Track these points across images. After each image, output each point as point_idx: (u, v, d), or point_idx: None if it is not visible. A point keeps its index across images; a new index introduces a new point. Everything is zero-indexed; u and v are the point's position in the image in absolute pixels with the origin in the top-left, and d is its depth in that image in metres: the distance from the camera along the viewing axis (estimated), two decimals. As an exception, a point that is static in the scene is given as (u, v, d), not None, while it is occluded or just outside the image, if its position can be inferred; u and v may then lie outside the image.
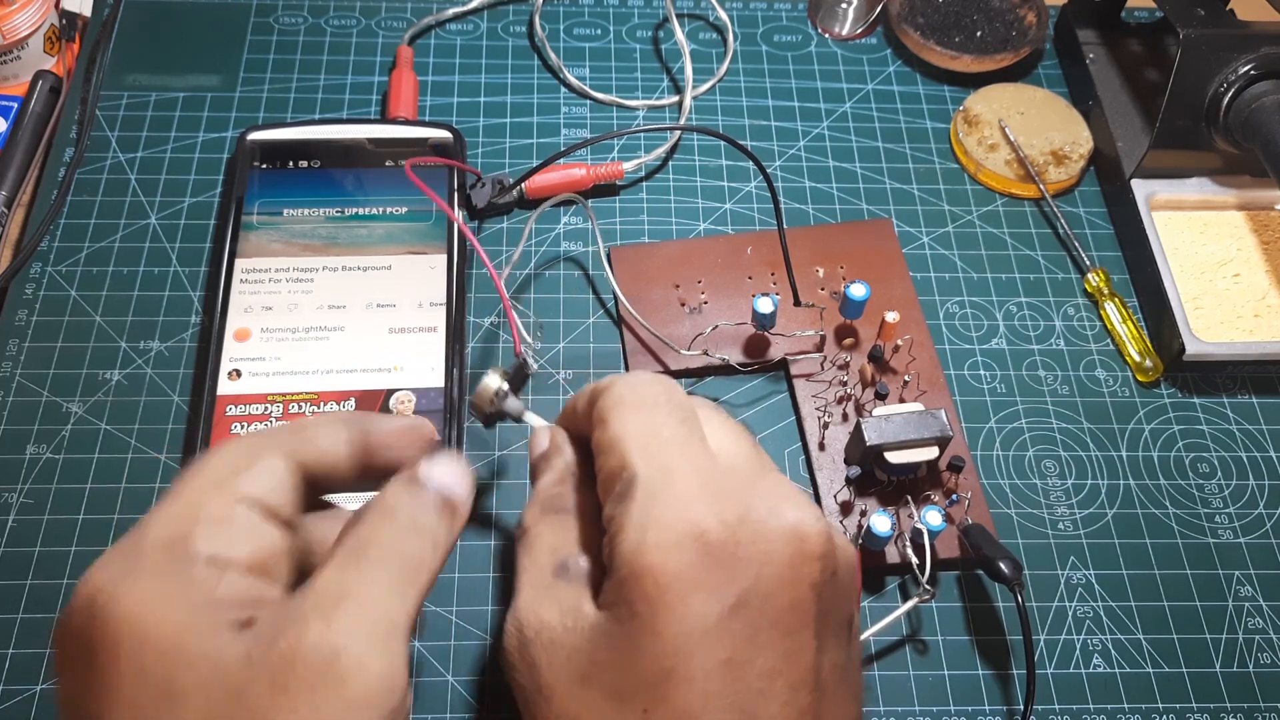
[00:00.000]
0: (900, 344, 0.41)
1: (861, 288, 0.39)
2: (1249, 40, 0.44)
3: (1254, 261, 0.46)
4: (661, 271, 0.43)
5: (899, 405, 0.38)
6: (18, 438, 0.39)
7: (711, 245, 0.44)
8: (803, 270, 0.43)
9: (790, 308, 0.42)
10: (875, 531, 0.35)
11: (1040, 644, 0.37)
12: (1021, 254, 0.46)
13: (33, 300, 0.42)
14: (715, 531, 0.25)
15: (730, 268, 0.43)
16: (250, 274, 0.42)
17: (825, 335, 0.42)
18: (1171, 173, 0.46)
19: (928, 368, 0.41)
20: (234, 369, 0.39)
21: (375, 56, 0.50)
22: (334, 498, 0.30)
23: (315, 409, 0.39)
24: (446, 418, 0.39)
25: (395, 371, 0.40)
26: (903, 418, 0.37)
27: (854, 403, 0.40)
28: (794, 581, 0.25)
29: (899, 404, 0.38)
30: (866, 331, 0.42)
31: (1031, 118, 0.49)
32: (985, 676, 0.36)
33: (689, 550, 0.25)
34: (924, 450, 0.37)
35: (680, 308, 0.42)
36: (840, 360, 0.41)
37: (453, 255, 0.42)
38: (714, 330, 0.41)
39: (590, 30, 0.52)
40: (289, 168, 0.45)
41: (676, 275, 0.43)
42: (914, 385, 0.40)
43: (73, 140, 0.47)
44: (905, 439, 0.36)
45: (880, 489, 0.38)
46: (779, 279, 0.43)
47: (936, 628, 0.37)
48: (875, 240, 0.44)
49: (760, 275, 0.43)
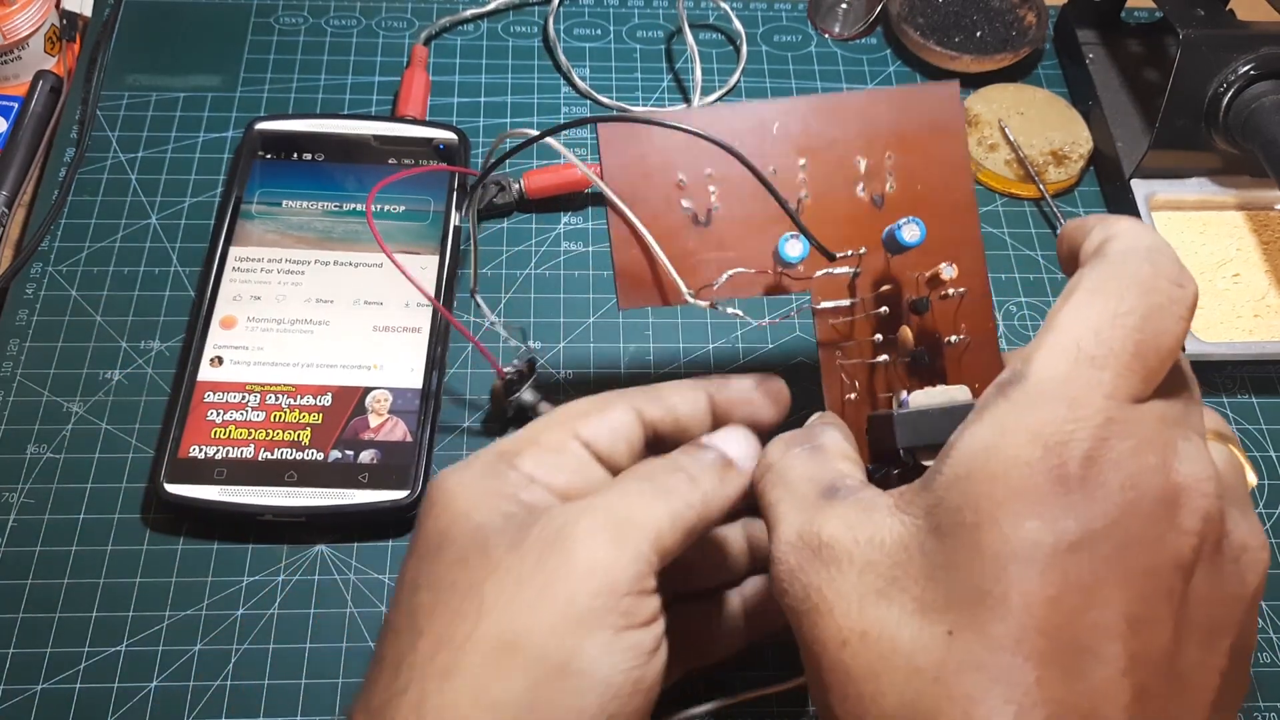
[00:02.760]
0: (951, 293, 0.31)
1: (915, 228, 0.30)
2: (1249, 40, 0.44)
3: (1254, 262, 0.46)
4: (661, 161, 0.32)
5: (938, 391, 0.29)
6: (18, 437, 0.39)
7: (728, 117, 0.32)
8: (838, 162, 0.32)
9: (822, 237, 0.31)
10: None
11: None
12: (1021, 254, 0.46)
13: (33, 300, 0.42)
14: (1077, 463, 0.22)
15: (750, 155, 0.31)
16: (243, 262, 0.42)
17: (859, 275, 0.32)
18: (1171, 173, 0.46)
19: (978, 323, 0.32)
20: (216, 355, 0.40)
21: (376, 57, 0.50)
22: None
23: (291, 401, 0.39)
24: (421, 419, 0.39)
25: (374, 369, 0.40)
26: (943, 410, 0.28)
27: (885, 373, 0.32)
28: (1155, 546, 0.22)
29: (940, 387, 0.29)
30: (905, 271, 0.32)
31: (1031, 118, 0.49)
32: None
33: (1040, 473, 0.22)
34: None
35: (683, 213, 0.32)
36: (878, 315, 0.32)
37: (444, 258, 0.42)
38: (728, 279, 0.31)
39: (591, 30, 0.52)
40: (293, 159, 0.45)
41: (681, 164, 0.32)
42: (957, 354, 0.31)
43: (73, 140, 0.47)
44: (946, 440, 0.26)
45: (900, 473, 0.30)
46: (809, 168, 0.32)
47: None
48: (935, 113, 0.32)
49: (788, 167, 0.32)
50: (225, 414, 0.38)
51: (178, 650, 0.35)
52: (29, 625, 0.35)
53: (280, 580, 0.37)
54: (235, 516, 0.37)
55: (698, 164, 0.32)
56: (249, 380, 0.39)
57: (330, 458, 0.38)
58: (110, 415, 0.40)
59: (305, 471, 0.37)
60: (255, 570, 0.37)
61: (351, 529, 0.38)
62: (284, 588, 0.37)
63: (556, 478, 0.27)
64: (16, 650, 0.35)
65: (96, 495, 0.38)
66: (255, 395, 0.39)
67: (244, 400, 0.39)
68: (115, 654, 0.35)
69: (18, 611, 0.36)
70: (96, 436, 0.39)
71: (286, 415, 0.39)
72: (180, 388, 0.39)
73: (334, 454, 0.38)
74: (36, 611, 0.36)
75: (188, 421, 0.38)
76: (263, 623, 0.36)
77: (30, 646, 0.35)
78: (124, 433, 0.39)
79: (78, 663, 0.35)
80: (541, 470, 0.27)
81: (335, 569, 0.37)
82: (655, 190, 0.32)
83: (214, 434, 0.38)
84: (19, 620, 0.35)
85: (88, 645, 0.35)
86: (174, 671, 0.35)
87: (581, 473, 0.28)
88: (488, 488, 0.27)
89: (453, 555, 0.25)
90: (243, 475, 0.37)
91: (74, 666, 0.35)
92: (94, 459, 0.39)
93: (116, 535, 0.37)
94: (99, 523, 0.37)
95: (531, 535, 0.25)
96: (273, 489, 0.37)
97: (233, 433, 0.38)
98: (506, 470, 0.27)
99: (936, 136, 0.32)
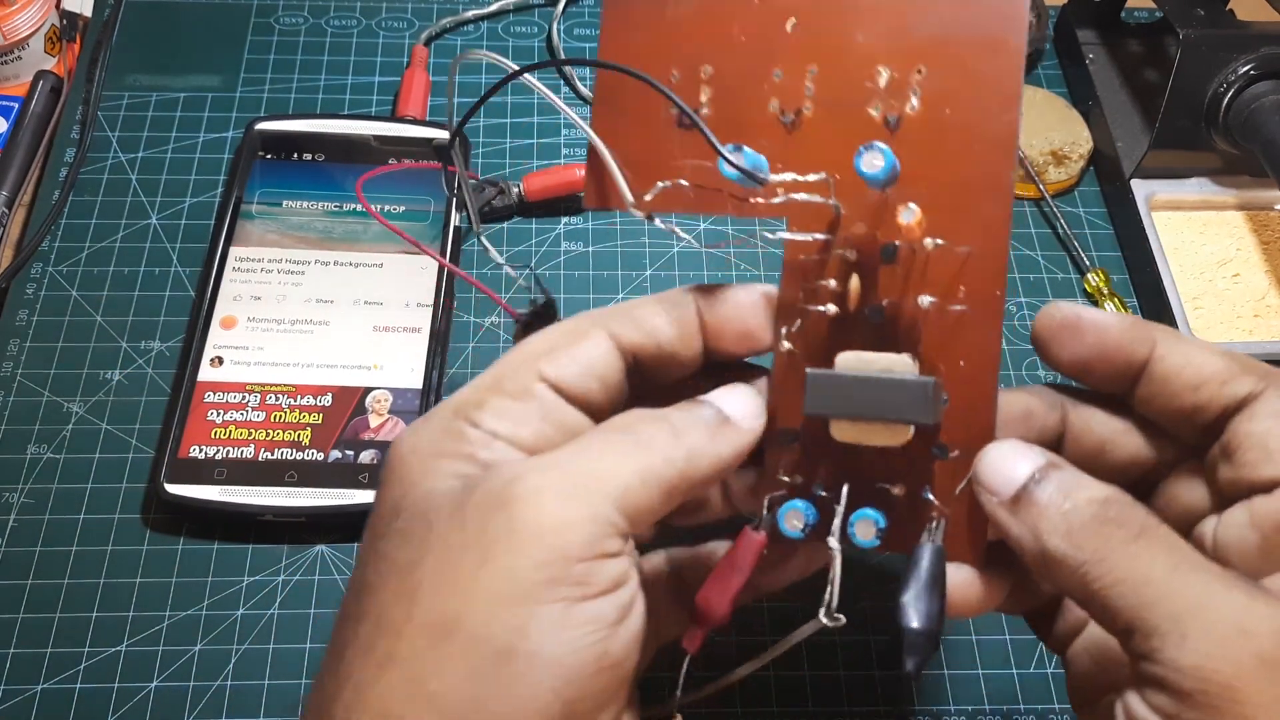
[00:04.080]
0: (940, 243, 0.25)
1: (879, 157, 0.24)
2: (1249, 40, 0.44)
3: (1254, 261, 0.46)
4: (664, 41, 0.27)
5: (876, 356, 0.25)
6: (18, 438, 0.39)
7: (738, 8, 0.27)
8: (853, 72, 0.26)
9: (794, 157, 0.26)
10: (783, 530, 0.25)
11: (1037, 648, 0.37)
12: (1021, 254, 0.46)
13: (34, 300, 0.42)
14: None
15: (753, 52, 0.27)
16: (244, 262, 0.42)
17: (841, 210, 0.26)
18: (1171, 173, 0.46)
19: (978, 289, 0.25)
20: (216, 356, 0.40)
21: (376, 57, 0.50)
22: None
23: (292, 401, 0.39)
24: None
25: (375, 370, 0.40)
26: (867, 380, 0.24)
27: (828, 329, 0.26)
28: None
29: (879, 353, 0.25)
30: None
31: (1031, 118, 0.49)
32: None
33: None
34: (889, 433, 0.25)
35: (668, 115, 0.27)
36: (839, 251, 0.26)
37: (444, 258, 0.42)
38: (670, 186, 0.26)
39: (592, 31, 0.52)
40: (293, 159, 0.45)
41: (682, 51, 0.27)
42: (939, 323, 0.25)
43: (74, 140, 0.47)
44: (862, 414, 0.24)
45: (803, 445, 0.26)
46: (820, 71, 0.26)
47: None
48: (990, 22, 0.26)
49: (795, 69, 0.27)
50: (225, 414, 0.38)
51: (178, 650, 0.35)
52: (29, 625, 0.35)
53: (280, 580, 0.37)
54: (235, 517, 0.37)
55: (697, 54, 0.27)
56: (249, 380, 0.39)
57: (330, 458, 0.38)
58: (110, 415, 0.40)
59: (305, 472, 0.37)
60: (255, 570, 0.37)
61: (352, 529, 0.38)
62: (284, 588, 0.37)
63: (521, 430, 0.24)
64: (17, 650, 0.35)
65: (97, 495, 0.38)
66: (255, 395, 0.39)
67: (244, 400, 0.39)
68: (115, 654, 0.35)
69: (18, 612, 0.36)
70: (97, 437, 0.39)
71: (287, 415, 0.39)
72: (180, 388, 0.39)
73: (334, 454, 0.38)
74: (37, 612, 0.36)
75: (188, 421, 0.38)
76: (263, 623, 0.36)
77: (30, 646, 0.35)
78: (124, 433, 0.39)
79: (78, 663, 0.35)
80: (504, 424, 0.24)
81: (335, 569, 0.37)
82: (645, 83, 0.26)
83: (214, 434, 0.38)
84: (19, 620, 0.35)
85: (88, 645, 0.35)
86: (174, 672, 0.35)
87: (551, 419, 0.24)
88: (442, 449, 0.24)
89: (399, 528, 0.23)
90: (243, 475, 0.37)
91: (74, 666, 0.35)
92: (94, 459, 0.39)
93: (117, 535, 0.37)
94: (99, 523, 0.37)
95: (474, 499, 0.22)
96: (273, 489, 0.37)
97: (233, 433, 0.38)
98: (464, 427, 0.24)
99: (985, 53, 0.26)
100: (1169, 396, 0.25)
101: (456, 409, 0.24)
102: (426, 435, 0.24)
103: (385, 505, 0.24)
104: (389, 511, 0.23)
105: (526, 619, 0.21)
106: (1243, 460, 0.24)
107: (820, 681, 0.36)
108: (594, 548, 0.22)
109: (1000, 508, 0.24)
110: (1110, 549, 0.22)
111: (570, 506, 0.22)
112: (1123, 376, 0.26)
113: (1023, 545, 0.23)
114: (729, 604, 0.25)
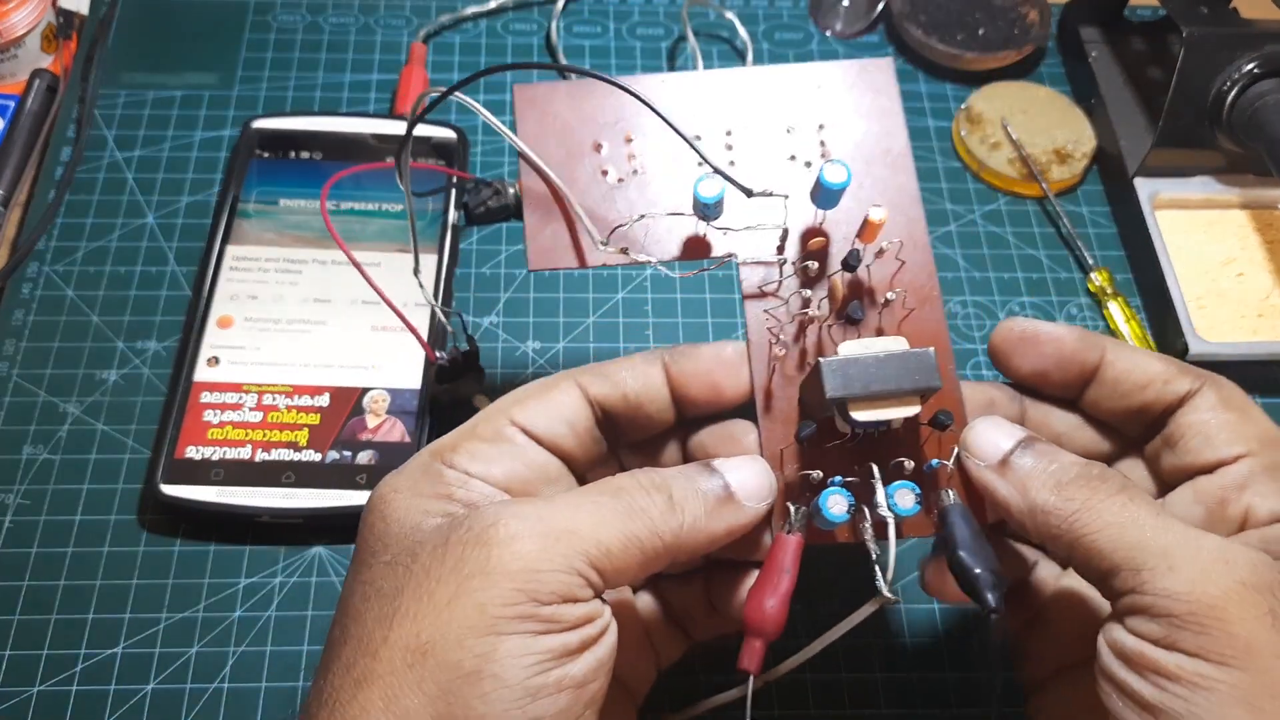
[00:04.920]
0: (887, 246, 0.30)
1: (840, 169, 0.28)
2: (1252, 39, 0.43)
3: (1257, 261, 0.45)
4: (580, 122, 0.32)
5: (873, 340, 0.28)
6: (14, 438, 0.39)
7: (654, 88, 0.32)
8: (767, 131, 0.32)
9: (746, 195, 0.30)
10: (828, 514, 0.27)
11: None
12: (1024, 253, 0.46)
13: (29, 300, 0.42)
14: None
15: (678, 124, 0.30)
16: (240, 261, 0.42)
17: (788, 231, 0.31)
18: (1175, 171, 0.46)
19: (918, 280, 0.30)
20: (213, 355, 0.39)
21: (374, 54, 0.50)
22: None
23: (289, 401, 0.39)
24: (419, 420, 0.39)
25: (372, 370, 0.40)
26: (877, 359, 0.27)
27: (818, 330, 0.30)
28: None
29: (874, 338, 0.28)
30: (843, 232, 0.31)
31: (1034, 116, 0.49)
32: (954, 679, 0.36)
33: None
34: (902, 406, 0.27)
35: (601, 178, 0.31)
36: (806, 268, 0.30)
37: (443, 257, 0.42)
38: (638, 221, 0.31)
39: (591, 28, 0.52)
40: (290, 158, 0.45)
41: (601, 129, 0.32)
42: (898, 307, 0.30)
43: (70, 139, 0.46)
44: (879, 390, 0.27)
45: (840, 443, 0.29)
46: (736, 137, 0.32)
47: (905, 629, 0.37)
48: (867, 92, 0.32)
49: (714, 134, 0.32)
50: (222, 414, 0.38)
51: (175, 652, 0.35)
52: (25, 627, 0.35)
53: (278, 582, 0.37)
54: (232, 518, 0.37)
55: (617, 128, 0.32)
56: (246, 380, 0.39)
57: (328, 458, 0.38)
58: (107, 416, 0.39)
59: (303, 472, 0.37)
60: (252, 572, 0.37)
61: (349, 530, 0.37)
62: (281, 589, 0.36)
63: (494, 469, 0.27)
64: (13, 652, 0.35)
65: (93, 496, 0.38)
66: (252, 395, 0.39)
67: (241, 401, 0.39)
68: (112, 656, 0.35)
69: (14, 613, 0.35)
70: (93, 437, 0.39)
71: (284, 416, 0.38)
72: (177, 388, 0.39)
73: (331, 455, 0.38)
74: (33, 613, 0.35)
75: (184, 422, 0.38)
76: (260, 624, 0.36)
77: (27, 648, 0.35)
78: (120, 433, 0.39)
79: (74, 665, 0.35)
80: (477, 464, 0.27)
81: (333, 570, 0.37)
82: (572, 153, 0.31)
83: (211, 435, 0.38)
84: (15, 622, 0.35)
85: (84, 647, 0.35)
86: (171, 673, 0.35)
87: (522, 459, 0.27)
88: (421, 489, 0.26)
89: (385, 560, 0.25)
90: (240, 476, 0.37)
91: (71, 668, 0.35)
92: (90, 460, 0.38)
93: (113, 536, 0.37)
94: (96, 524, 0.37)
95: (456, 536, 0.24)
96: (270, 490, 0.37)
97: (230, 433, 0.38)
98: (441, 469, 0.26)
99: (873, 112, 0.32)
100: (1119, 396, 0.29)
101: (434, 453, 0.27)
102: (407, 476, 0.27)
103: (370, 539, 0.26)
104: (375, 545, 0.26)
105: (494, 645, 0.23)
106: (1186, 448, 0.28)
107: (856, 685, 0.36)
108: (561, 595, 0.24)
109: (988, 471, 0.27)
110: (1099, 499, 0.25)
111: (543, 557, 0.24)
112: (1077, 381, 0.29)
113: (1009, 503, 0.26)
114: (782, 608, 0.27)
